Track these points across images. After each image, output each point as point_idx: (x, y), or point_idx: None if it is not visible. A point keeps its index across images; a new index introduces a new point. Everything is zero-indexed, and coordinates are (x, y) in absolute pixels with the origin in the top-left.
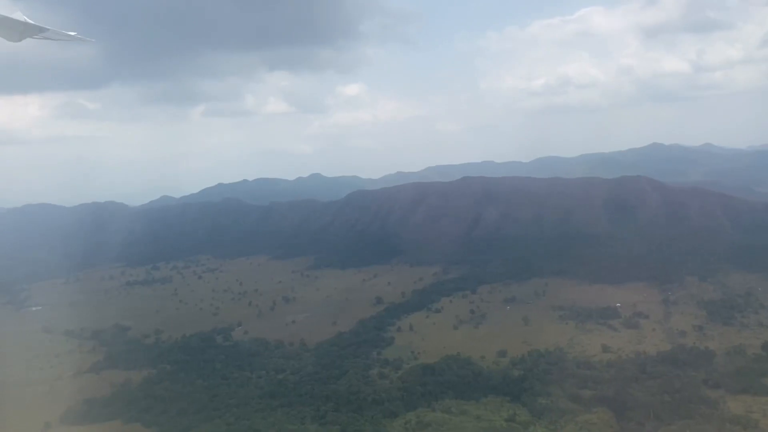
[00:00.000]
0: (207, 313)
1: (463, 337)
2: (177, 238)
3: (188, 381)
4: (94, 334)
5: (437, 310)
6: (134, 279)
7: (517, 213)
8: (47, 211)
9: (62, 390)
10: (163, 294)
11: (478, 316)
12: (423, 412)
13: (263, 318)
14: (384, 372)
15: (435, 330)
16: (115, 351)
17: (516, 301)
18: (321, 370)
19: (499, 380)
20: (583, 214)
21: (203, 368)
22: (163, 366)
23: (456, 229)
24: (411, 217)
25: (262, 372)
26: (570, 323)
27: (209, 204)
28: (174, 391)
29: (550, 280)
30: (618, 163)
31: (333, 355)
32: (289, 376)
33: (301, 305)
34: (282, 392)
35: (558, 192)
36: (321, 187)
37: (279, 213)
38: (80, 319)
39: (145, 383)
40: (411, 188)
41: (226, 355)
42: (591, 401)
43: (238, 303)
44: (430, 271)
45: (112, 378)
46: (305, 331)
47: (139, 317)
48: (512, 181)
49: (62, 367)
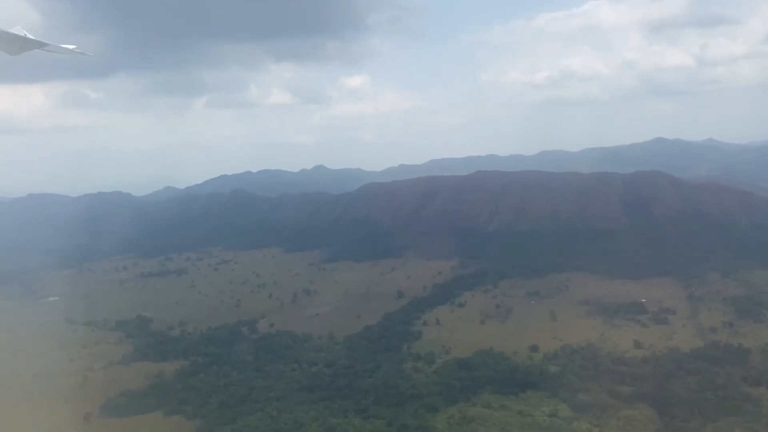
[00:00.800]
0: (228, 305)
1: (492, 331)
2: (186, 229)
3: (222, 373)
4: (117, 325)
5: (461, 304)
6: (148, 270)
7: (531, 207)
8: (51, 201)
9: (96, 381)
10: (180, 286)
11: (504, 310)
12: (464, 407)
13: (286, 311)
14: (417, 366)
15: (461, 324)
16: (142, 343)
17: (539, 296)
18: (354, 364)
19: (536, 376)
20: (598, 209)
21: (236, 360)
22: (194, 358)
23: (470, 223)
24: (424, 210)
25: (295, 365)
26: (597, 319)
27: (218, 195)
28: (210, 384)
29: (570, 275)
30: (624, 157)
31: (363, 348)
32: (323, 370)
33: (322, 298)
34: (320, 386)
35: (573, 187)
36: (325, 179)
37: (289, 205)
38: (101, 311)
39: (180, 375)
40: (423, 182)
41: (257, 348)
42: (630, 397)
43: (258, 295)
44: (448, 265)
45: (143, 370)
46: (331, 324)
47: (160, 309)
48: (526, 176)
49: (92, 358)
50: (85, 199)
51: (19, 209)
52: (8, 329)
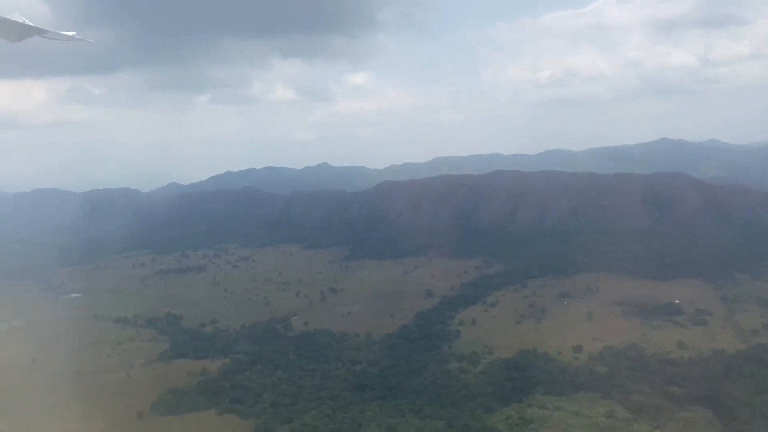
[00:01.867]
0: (256, 302)
1: (530, 332)
2: (198, 226)
3: (267, 371)
4: (148, 322)
5: (492, 303)
6: (167, 267)
7: (552, 207)
8: (57, 197)
9: (140, 379)
10: (202, 283)
11: (539, 311)
12: (520, 407)
13: (316, 309)
14: (463, 366)
15: (498, 324)
16: (178, 340)
17: (571, 297)
18: (399, 364)
19: (586, 377)
20: (619, 209)
21: (278, 359)
22: (234, 356)
23: (490, 222)
24: (443, 209)
25: (338, 364)
26: (634, 319)
27: (228, 192)
28: (257, 382)
29: (598, 275)
30: (629, 157)
31: (404, 348)
32: (368, 369)
33: (350, 297)
34: (369, 385)
35: (593, 187)
36: (330, 176)
37: (301, 203)
38: (127, 307)
39: (225, 373)
40: (440, 181)
41: (296, 346)
42: (684, 399)
43: (285, 293)
44: (471, 264)
45: (185, 367)
46: (364, 322)
47: (187, 306)
48: (545, 176)
49: (129, 355)
50: (91, 195)
51: (24, 204)
52: (38, 326)
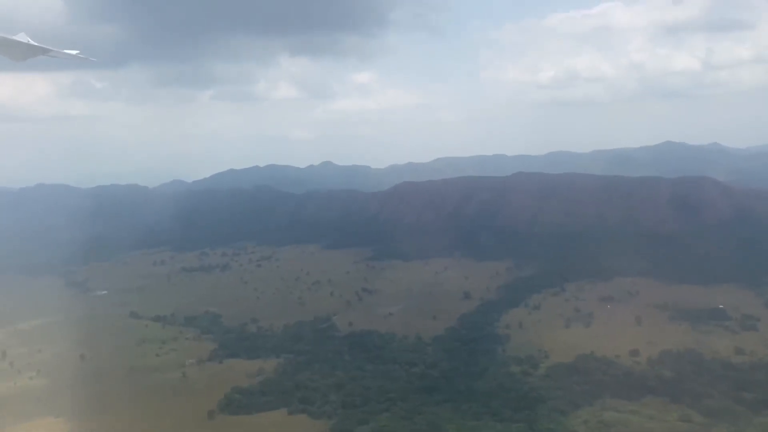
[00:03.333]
0: (291, 302)
1: (581, 335)
2: (212, 223)
3: (326, 372)
4: (187, 320)
5: (535, 306)
6: (190, 265)
7: (577, 210)
8: (62, 192)
9: (197, 378)
10: (230, 281)
11: (585, 314)
12: (594, 411)
13: (355, 309)
14: (525, 370)
15: (546, 328)
16: (224, 339)
17: (612, 300)
18: (458, 366)
19: (652, 381)
20: (647, 213)
21: (333, 359)
22: (286, 356)
23: (514, 224)
24: (465, 210)
25: (395, 365)
26: (683, 324)
27: (241, 190)
28: (320, 382)
29: (635, 279)
30: (635, 160)
31: (458, 350)
32: (427, 371)
33: (386, 297)
34: (436, 387)
35: (619, 190)
36: (334, 175)
37: (317, 202)
38: (161, 306)
39: (284, 373)
40: (461, 182)
41: (348, 347)
42: (757, 404)
43: (317, 293)
44: (501, 266)
45: (240, 367)
46: (408, 324)
47: (222, 304)
48: (569, 178)
49: (178, 354)
50: (98, 191)
51: (29, 199)
52: (73, 323)
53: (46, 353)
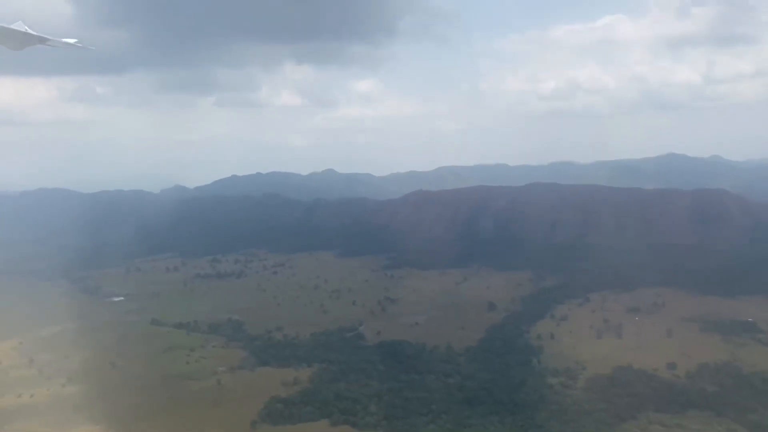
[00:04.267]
0: (313, 310)
1: (614, 347)
2: (220, 230)
3: (362, 382)
4: (210, 328)
5: (562, 318)
6: (204, 272)
7: (596, 221)
8: (64, 196)
9: (232, 386)
10: (247, 288)
11: (614, 326)
12: (639, 424)
13: (379, 318)
14: (564, 382)
15: (577, 339)
16: (252, 347)
17: (640, 312)
18: (495, 378)
19: (695, 394)
20: (666, 224)
21: (367, 369)
22: (318, 365)
23: (531, 235)
24: (480, 220)
25: (431, 376)
26: (714, 336)
27: (249, 197)
28: (358, 393)
29: (659, 290)
30: (638, 171)
31: (493, 361)
32: (464, 382)
33: (409, 307)
34: (477, 399)
35: (636, 201)
36: (336, 182)
37: (326, 209)
38: (181, 312)
39: (319, 383)
40: (475, 191)
41: (381, 356)
42: None
43: (338, 301)
44: (522, 276)
45: (273, 375)
46: (436, 334)
47: (243, 312)
48: (585, 189)
49: (208, 361)
50: (102, 196)
51: (30, 203)
52: (94, 329)
53: (73, 360)
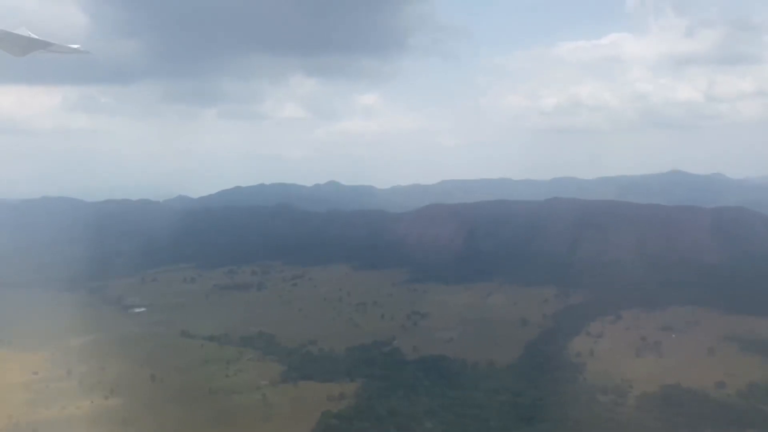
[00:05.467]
0: (342, 323)
1: (656, 365)
2: (232, 241)
3: (410, 398)
4: (242, 341)
5: (598, 335)
6: (223, 283)
7: (615, 237)
8: (68, 205)
9: (278, 400)
10: (270, 301)
11: (652, 344)
12: None
13: (412, 333)
14: (614, 399)
15: (617, 357)
16: (291, 361)
17: (675, 330)
18: (545, 395)
19: (751, 414)
20: (688, 242)
21: (413, 384)
22: (360, 380)
23: (552, 250)
24: (499, 235)
25: (478, 392)
26: (756, 355)
27: (261, 208)
28: (410, 409)
29: (690, 309)
30: (642, 188)
31: (537, 378)
32: (515, 399)
33: (439, 322)
34: (535, 417)
35: (657, 218)
36: (340, 195)
37: (340, 222)
38: (208, 324)
39: (368, 398)
40: (492, 206)
41: (424, 372)
42: None
43: (366, 315)
44: (548, 292)
45: (318, 390)
46: (473, 350)
47: (272, 325)
48: (605, 205)
49: (247, 375)
50: (106, 206)
51: (33, 211)
52: (123, 340)
53: (110, 372)
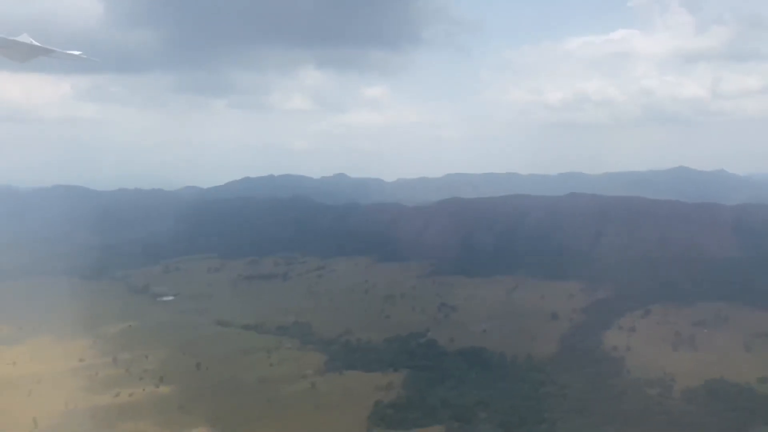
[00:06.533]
0: (374, 314)
1: (694, 360)
2: (249, 231)
3: (459, 388)
4: (278, 330)
5: (630, 329)
6: (247, 273)
7: (637, 233)
8: (81, 194)
9: (327, 390)
10: (297, 291)
11: (686, 338)
12: None
13: (444, 325)
14: (660, 393)
15: (654, 351)
16: (331, 351)
17: (707, 325)
18: (591, 388)
19: None
20: (710, 238)
21: (459, 375)
22: (404, 370)
23: (573, 245)
24: (519, 229)
25: (524, 385)
26: None
27: (274, 200)
28: (461, 399)
29: (720, 304)
30: (649, 183)
31: (579, 371)
32: (564, 392)
33: (470, 315)
34: (587, 409)
35: (678, 214)
36: (348, 187)
37: (357, 214)
38: (242, 314)
39: (416, 388)
40: (512, 200)
41: (466, 363)
42: None
43: (396, 307)
44: (573, 287)
45: (363, 379)
46: (510, 343)
47: (305, 314)
48: (626, 201)
49: (291, 364)
50: (121, 194)
51: (46, 200)
52: (166, 330)
53: (154, 359)
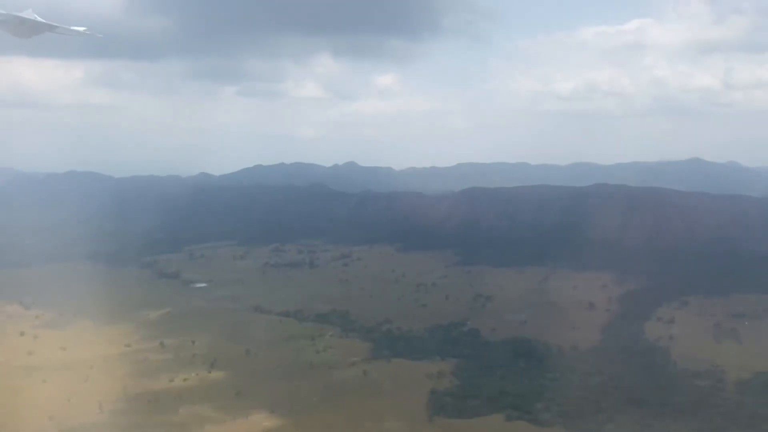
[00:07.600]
0: (410, 303)
1: (740, 351)
2: (269, 219)
3: (510, 378)
4: (318, 317)
5: (669, 320)
6: (273, 261)
7: (666, 225)
8: (96, 180)
9: (379, 377)
10: (326, 279)
11: (728, 330)
12: None
13: (481, 315)
14: (712, 384)
15: (697, 342)
16: (375, 338)
17: (747, 317)
18: (642, 378)
19: None
20: (739, 231)
21: (508, 365)
22: (453, 359)
23: (601, 236)
24: (544, 219)
25: (573, 375)
26: None
27: (295, 188)
28: (517, 388)
29: (756, 296)
30: (663, 174)
31: (626, 362)
32: (615, 383)
33: (506, 305)
34: (644, 400)
35: (705, 206)
36: (359, 175)
37: (376, 202)
38: (277, 301)
39: (468, 377)
40: (536, 190)
41: (512, 353)
42: None
43: (430, 296)
44: (604, 278)
45: (412, 367)
46: (551, 333)
47: (341, 302)
48: (653, 193)
49: (336, 351)
50: (136, 180)
51: (61, 186)
52: (205, 317)
53: (200, 345)
